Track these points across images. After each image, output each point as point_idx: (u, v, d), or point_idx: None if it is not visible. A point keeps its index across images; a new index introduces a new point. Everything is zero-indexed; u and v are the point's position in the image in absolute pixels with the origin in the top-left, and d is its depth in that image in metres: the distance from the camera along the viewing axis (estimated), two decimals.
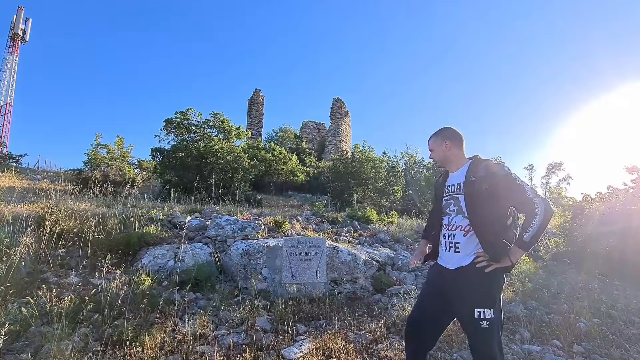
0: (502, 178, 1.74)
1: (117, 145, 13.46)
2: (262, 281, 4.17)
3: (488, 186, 1.74)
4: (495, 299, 1.71)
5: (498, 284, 1.74)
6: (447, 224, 1.91)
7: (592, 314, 3.88)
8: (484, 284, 1.71)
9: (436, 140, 2.01)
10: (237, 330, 3.07)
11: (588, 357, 2.96)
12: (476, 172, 1.81)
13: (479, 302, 1.69)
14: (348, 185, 11.96)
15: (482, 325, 1.65)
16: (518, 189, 1.72)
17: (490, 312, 1.66)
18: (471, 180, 1.80)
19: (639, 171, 6.68)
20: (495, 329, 1.68)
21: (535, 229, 1.65)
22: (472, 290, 1.72)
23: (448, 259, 1.87)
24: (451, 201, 1.91)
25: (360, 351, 2.82)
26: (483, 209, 1.75)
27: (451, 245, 1.85)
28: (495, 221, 1.75)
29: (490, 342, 1.67)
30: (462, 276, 1.77)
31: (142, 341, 2.67)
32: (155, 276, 3.91)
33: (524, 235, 1.68)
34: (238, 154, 11.26)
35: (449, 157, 1.97)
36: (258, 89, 22.70)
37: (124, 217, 5.03)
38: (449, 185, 1.96)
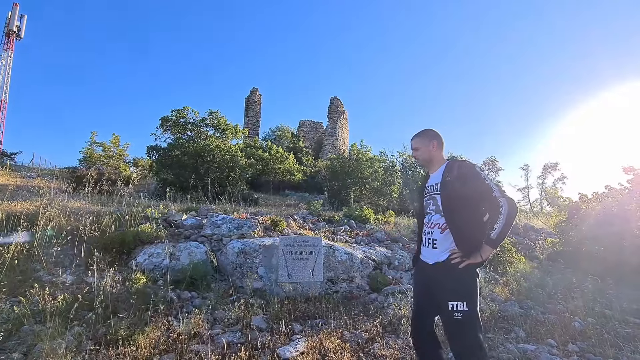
0: (472, 178, 1.88)
1: (113, 143, 13.32)
2: (258, 280, 4.15)
3: (461, 186, 1.87)
4: (469, 292, 1.80)
5: (472, 279, 1.84)
6: (427, 222, 2.03)
7: (586, 313, 3.90)
8: (458, 278, 1.82)
9: (423, 140, 2.11)
10: (232, 329, 3.05)
11: (582, 356, 2.97)
12: (451, 172, 1.95)
13: (453, 294, 1.79)
14: (345, 185, 11.94)
15: (455, 317, 1.75)
16: (485, 189, 1.85)
17: (463, 305, 1.75)
18: (447, 180, 1.93)
19: (635, 171, 6.73)
20: (470, 322, 1.75)
21: (501, 228, 1.78)
22: (447, 284, 1.84)
23: (428, 255, 2.00)
24: (430, 201, 2.04)
25: (355, 350, 2.81)
26: (457, 208, 1.88)
27: (430, 242, 1.98)
28: (469, 219, 1.87)
29: (464, 333, 1.75)
30: (438, 271, 1.90)
31: (136, 340, 2.65)
32: (150, 275, 3.87)
33: (491, 234, 1.81)
34: (235, 152, 11.22)
35: (434, 158, 2.09)
36: (255, 88, 22.61)
37: (118, 216, 4.99)
38: (428, 186, 2.09)
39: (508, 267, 5.54)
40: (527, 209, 18.56)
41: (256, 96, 22.44)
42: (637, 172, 6.66)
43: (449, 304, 1.77)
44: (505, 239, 6.10)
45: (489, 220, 1.88)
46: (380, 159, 13.75)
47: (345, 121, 23.38)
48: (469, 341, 1.74)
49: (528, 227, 9.39)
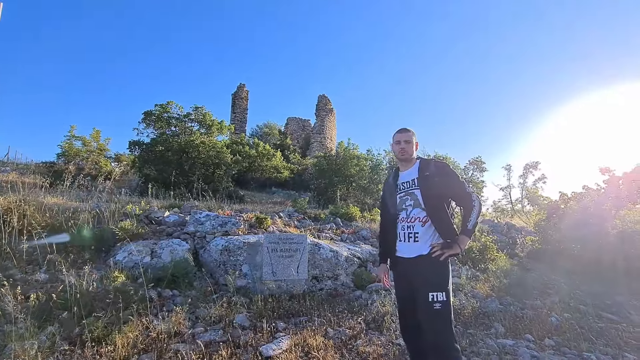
0: (448, 174, 2.03)
1: (94, 137, 12.95)
2: (241, 278, 4.10)
3: (439, 181, 1.99)
4: (447, 283, 1.90)
5: (448, 270, 1.95)
6: (405, 217, 2.07)
7: (563, 309, 4.03)
8: (437, 270, 1.91)
9: (413, 136, 2.18)
10: (214, 327, 3.00)
11: (558, 350, 3.07)
12: (428, 168, 2.06)
13: (432, 286, 1.86)
14: (332, 183, 11.95)
15: (435, 307, 1.82)
16: (460, 185, 2.02)
17: (442, 295, 1.84)
18: (426, 175, 2.03)
19: (611, 172, 6.98)
20: (447, 312, 1.83)
21: (475, 219, 1.95)
22: (427, 276, 1.91)
23: (407, 249, 2.04)
24: (407, 197, 2.08)
25: (339, 347, 2.81)
26: (436, 201, 1.99)
27: (410, 236, 2.02)
28: (445, 211, 2.00)
29: (442, 323, 1.82)
30: (419, 263, 1.96)
31: (113, 340, 2.57)
32: (129, 273, 3.77)
33: (467, 225, 1.95)
34: (220, 148, 11.04)
35: (413, 155, 2.17)
36: (242, 84, 22.31)
37: (97, 212, 4.83)
38: (402, 183, 2.14)
39: (489, 264, 5.66)
40: (508, 208, 19.03)
41: (243, 92, 22.16)
42: (613, 173, 6.92)
43: (430, 295, 1.83)
44: (488, 237, 6.26)
45: (453, 214, 2.07)
46: (367, 157, 13.83)
47: (333, 119, 23.38)
48: (444, 331, 1.81)
49: (509, 226, 9.63)
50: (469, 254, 5.69)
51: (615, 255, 5.99)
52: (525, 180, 19.70)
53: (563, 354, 2.97)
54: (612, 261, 5.94)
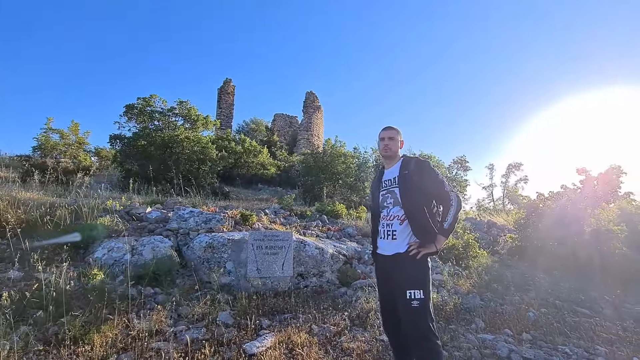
0: (428, 172, 2.03)
1: (72, 130, 12.48)
2: (225, 275, 4.05)
3: (418, 179, 2.00)
4: (425, 281, 1.91)
5: (426, 268, 1.96)
6: (385, 215, 2.08)
7: (540, 304, 4.17)
8: (415, 268, 1.92)
9: (398, 133, 2.19)
10: (197, 325, 2.96)
11: (535, 344, 3.17)
12: (409, 166, 2.06)
13: (410, 283, 1.88)
14: (318, 180, 11.95)
15: (413, 305, 1.84)
16: (439, 183, 2.02)
17: (420, 293, 1.85)
18: (404, 174, 2.04)
19: (587, 172, 7.25)
20: (425, 309, 1.85)
21: (452, 218, 1.97)
22: (405, 273, 1.92)
23: (386, 247, 2.06)
24: (388, 195, 2.10)
25: (323, 344, 2.82)
26: (414, 199, 1.99)
27: (389, 233, 2.04)
28: (425, 210, 1.99)
29: (421, 320, 1.84)
30: (398, 261, 1.97)
31: (91, 339, 2.50)
32: (109, 270, 3.67)
33: (443, 224, 1.98)
34: (205, 144, 10.85)
35: (397, 153, 2.17)
36: (229, 79, 21.92)
37: (75, 208, 4.67)
38: (385, 180, 2.16)
39: (471, 261, 5.79)
40: (491, 207, 19.52)
41: (229, 87, 21.82)
42: (589, 174, 7.19)
43: (407, 292, 1.86)
44: (470, 235, 6.40)
45: (437, 212, 2.05)
46: (354, 155, 13.89)
47: (321, 116, 23.34)
48: (424, 327, 1.83)
49: (491, 224, 9.88)
50: (452, 251, 5.81)
51: (591, 252, 6.24)
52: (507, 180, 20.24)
53: (539, 348, 3.08)
54: (587, 258, 6.18)
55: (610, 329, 3.64)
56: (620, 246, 6.42)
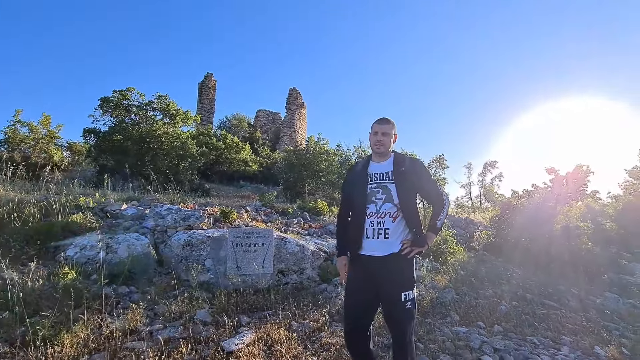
0: (423, 172, 2.04)
1: (42, 123, 11.89)
2: (204, 273, 3.99)
3: (416, 178, 1.98)
4: (414, 280, 1.91)
5: (414, 267, 1.95)
6: (374, 212, 1.92)
7: (511, 297, 4.35)
8: (408, 269, 1.88)
9: (393, 128, 2.04)
10: (174, 324, 2.90)
11: (506, 335, 3.31)
12: (404, 164, 1.99)
13: (404, 285, 1.83)
14: (301, 177, 11.93)
15: (407, 307, 1.80)
16: (433, 184, 2.06)
17: (412, 294, 1.83)
18: (401, 170, 1.96)
19: (556, 172, 7.60)
20: (414, 309, 1.86)
21: (444, 217, 2.01)
22: (400, 275, 1.85)
23: (376, 246, 1.89)
24: (379, 189, 1.95)
25: (302, 339, 2.84)
26: (409, 197, 1.95)
27: (380, 232, 1.89)
28: (415, 208, 1.99)
29: (411, 321, 1.82)
30: (391, 261, 1.86)
31: (61, 340, 2.41)
32: (82, 269, 3.54)
33: (436, 223, 1.98)
34: (185, 139, 10.60)
35: (390, 148, 2.05)
36: (210, 73, 21.46)
37: (45, 204, 4.47)
38: (375, 173, 2.00)
39: (448, 257, 5.96)
40: (468, 204, 20.12)
41: (211, 82, 21.38)
42: (557, 173, 7.53)
43: (402, 294, 1.78)
44: (448, 232, 6.58)
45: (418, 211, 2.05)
46: (337, 152, 13.95)
47: (304, 113, 23.27)
48: (411, 328, 1.83)
49: (468, 221, 10.18)
50: (431, 248, 5.95)
51: (560, 248, 6.57)
52: (484, 178, 20.88)
53: (509, 339, 3.22)
54: (557, 253, 6.50)
55: (575, 320, 3.85)
56: (587, 242, 6.79)
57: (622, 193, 10.26)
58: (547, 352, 3.04)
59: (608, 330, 3.69)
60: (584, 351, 3.13)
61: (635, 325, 3.93)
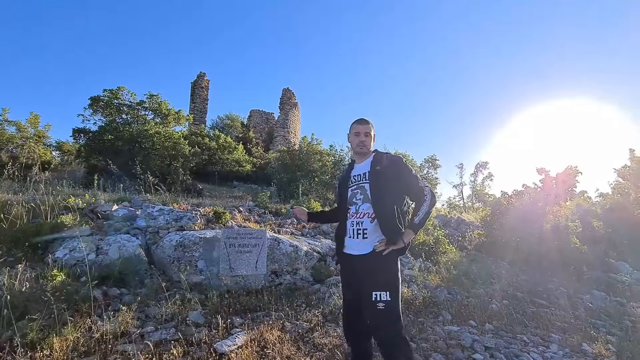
0: (402, 168, 1.96)
1: (31, 123, 11.69)
2: (197, 274, 3.97)
3: (392, 175, 1.93)
4: (392, 282, 1.84)
5: (395, 269, 1.89)
6: (354, 212, 1.99)
7: (502, 296, 4.41)
8: (382, 269, 1.85)
9: (373, 128, 2.10)
10: (166, 326, 2.88)
11: (497, 333, 3.36)
12: (381, 162, 1.98)
13: (377, 285, 1.81)
14: (294, 177, 11.90)
15: (379, 307, 1.77)
16: (413, 179, 1.96)
17: (386, 295, 1.78)
18: (377, 170, 1.95)
19: (546, 172, 7.72)
20: (391, 311, 1.78)
21: (424, 213, 1.90)
22: (373, 274, 1.85)
23: (355, 246, 1.96)
24: (357, 190, 2.01)
25: (296, 340, 2.83)
26: (384, 196, 1.91)
27: (359, 232, 1.95)
28: (394, 208, 1.91)
29: (387, 322, 1.78)
30: (367, 261, 1.89)
31: (50, 343, 2.37)
32: (71, 271, 3.48)
33: (414, 219, 1.91)
34: (177, 139, 10.51)
35: (369, 148, 2.08)
36: (203, 72, 21.32)
37: (33, 205, 4.38)
38: (355, 175, 2.07)
39: (440, 257, 6.01)
40: (460, 204, 20.31)
41: (203, 81, 21.22)
42: (548, 173, 7.65)
43: (373, 294, 1.78)
44: (440, 231, 6.63)
45: (408, 210, 2.01)
46: (330, 153, 13.96)
47: (298, 113, 23.24)
48: (391, 330, 1.78)
49: (460, 221, 10.29)
50: (423, 247, 6.00)
51: (550, 246, 6.67)
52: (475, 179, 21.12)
53: (500, 337, 3.26)
54: (547, 252, 6.60)
55: (564, 317, 3.92)
56: (576, 241, 6.91)
57: (610, 192, 10.48)
58: (537, 349, 3.09)
59: (595, 327, 3.77)
60: (572, 348, 3.19)
61: (621, 322, 4.02)
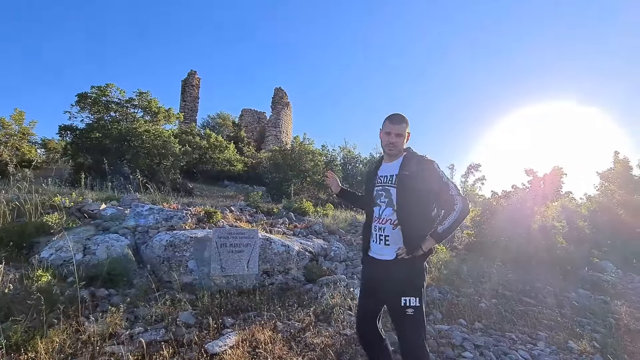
0: (432, 175, 1.83)
1: (15, 119, 11.38)
2: (188, 274, 3.92)
3: (419, 182, 1.80)
4: (420, 288, 1.81)
5: (422, 274, 1.86)
6: (377, 216, 1.93)
7: (491, 295, 4.48)
8: (410, 274, 1.81)
9: (407, 127, 1.93)
10: (155, 327, 2.83)
11: (486, 332, 3.41)
12: (410, 166, 1.86)
13: (405, 291, 1.77)
14: (286, 177, 11.88)
15: (408, 313, 1.74)
16: (443, 186, 1.81)
17: (415, 301, 1.76)
18: (405, 174, 1.84)
19: (535, 173, 7.86)
20: (420, 317, 1.77)
21: (450, 223, 1.77)
22: (400, 280, 1.81)
23: (379, 251, 1.92)
24: (382, 192, 1.92)
25: (287, 340, 2.82)
26: (410, 204, 1.82)
27: (381, 238, 1.89)
28: (420, 215, 1.84)
29: (416, 329, 1.76)
30: (390, 267, 1.84)
31: (35, 345, 2.31)
32: (57, 271, 3.41)
33: (438, 228, 1.79)
34: (167, 138, 10.37)
35: (400, 150, 1.94)
36: (194, 70, 21.06)
37: (17, 204, 4.27)
38: (381, 176, 1.96)
39: (432, 256, 6.06)
40: None
41: (194, 79, 20.98)
42: (536, 174, 7.80)
43: (402, 299, 1.75)
44: None
45: (437, 217, 1.89)
46: (322, 152, 13.98)
47: (289, 113, 23.18)
48: (418, 336, 1.76)
49: None
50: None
51: (537, 246, 6.80)
52: (466, 180, 21.40)
53: (489, 335, 3.31)
54: (534, 252, 6.73)
55: (551, 316, 4.00)
56: (562, 240, 7.06)
57: (596, 194, 10.75)
58: (525, 347, 3.15)
59: (581, 325, 3.85)
60: (558, 346, 3.25)
61: (605, 319, 4.12)
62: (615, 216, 9.42)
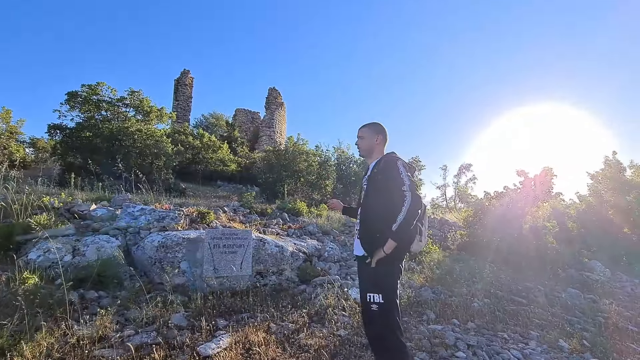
0: (391, 171, 1.88)
1: (2, 118, 11.15)
2: (180, 275, 3.87)
3: (380, 179, 1.92)
4: (385, 285, 1.82)
5: (389, 272, 1.85)
6: (358, 214, 2.11)
7: (484, 295, 4.51)
8: (375, 271, 1.85)
9: (369, 131, 2.15)
10: (147, 329, 2.79)
11: (479, 331, 3.43)
12: (378, 165, 2.00)
13: (370, 286, 1.86)
14: (280, 177, 11.83)
15: (372, 309, 1.80)
16: (397, 184, 1.84)
17: (379, 297, 1.79)
18: (374, 173, 1.99)
19: (526, 174, 7.96)
20: (385, 313, 1.78)
21: (400, 221, 1.77)
22: (366, 277, 1.91)
23: (356, 246, 2.04)
24: (362, 192, 2.11)
25: (281, 341, 2.80)
26: (372, 202, 1.95)
27: (355, 231, 2.08)
28: (377, 211, 1.89)
29: (379, 324, 1.80)
30: (361, 263, 1.96)
31: (21, 350, 2.25)
32: (45, 273, 3.33)
33: (392, 227, 1.79)
34: (160, 137, 10.25)
35: (375, 151, 2.13)
36: (187, 70, 20.90)
37: (4, 204, 4.17)
38: (364, 177, 2.16)
39: (424, 257, 6.10)
40: (443, 205, 20.72)
41: (187, 79, 20.79)
42: (527, 175, 7.90)
43: (367, 295, 1.84)
44: None
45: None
46: (316, 153, 13.95)
47: (283, 113, 23.11)
48: (382, 331, 1.79)
49: (443, 222, 10.48)
50: None
51: (528, 246, 6.89)
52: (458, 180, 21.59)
53: (482, 335, 3.33)
54: (525, 252, 6.81)
55: (542, 315, 4.05)
56: (552, 240, 7.16)
57: (587, 194, 10.91)
58: (517, 346, 3.18)
59: (571, 324, 3.90)
60: (549, 344, 3.29)
61: (595, 318, 4.18)
62: (604, 217, 9.59)
